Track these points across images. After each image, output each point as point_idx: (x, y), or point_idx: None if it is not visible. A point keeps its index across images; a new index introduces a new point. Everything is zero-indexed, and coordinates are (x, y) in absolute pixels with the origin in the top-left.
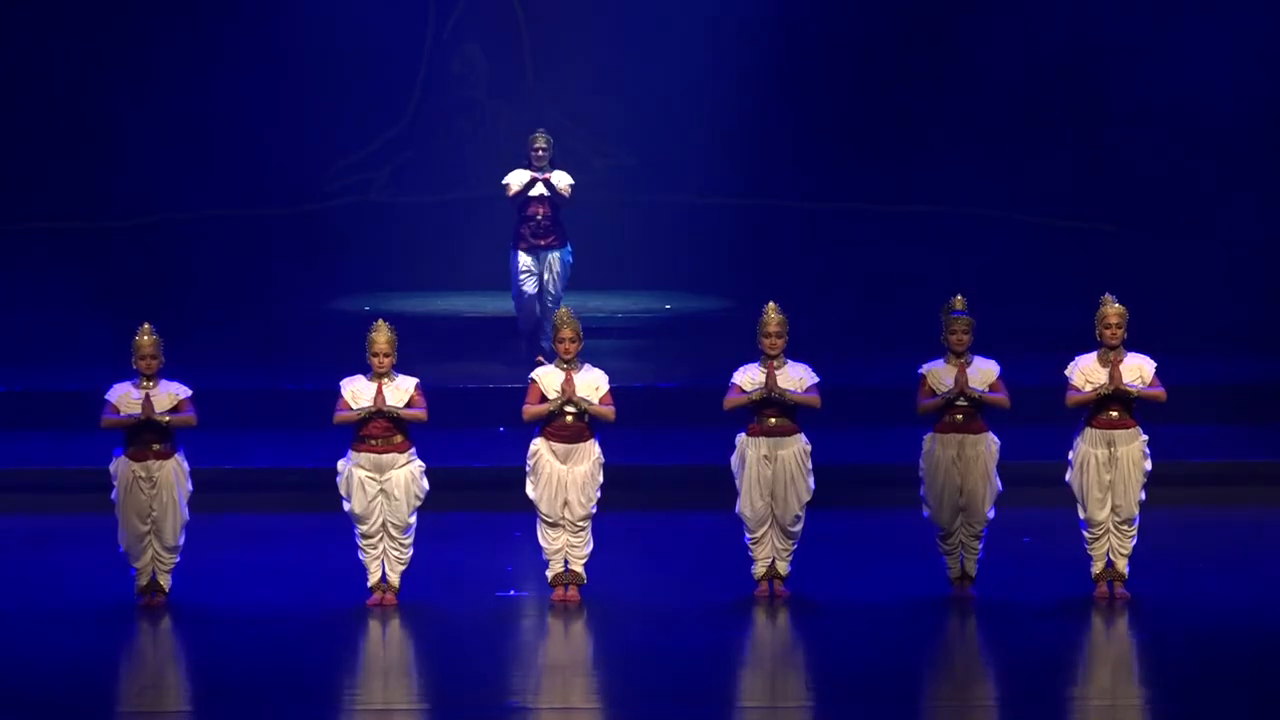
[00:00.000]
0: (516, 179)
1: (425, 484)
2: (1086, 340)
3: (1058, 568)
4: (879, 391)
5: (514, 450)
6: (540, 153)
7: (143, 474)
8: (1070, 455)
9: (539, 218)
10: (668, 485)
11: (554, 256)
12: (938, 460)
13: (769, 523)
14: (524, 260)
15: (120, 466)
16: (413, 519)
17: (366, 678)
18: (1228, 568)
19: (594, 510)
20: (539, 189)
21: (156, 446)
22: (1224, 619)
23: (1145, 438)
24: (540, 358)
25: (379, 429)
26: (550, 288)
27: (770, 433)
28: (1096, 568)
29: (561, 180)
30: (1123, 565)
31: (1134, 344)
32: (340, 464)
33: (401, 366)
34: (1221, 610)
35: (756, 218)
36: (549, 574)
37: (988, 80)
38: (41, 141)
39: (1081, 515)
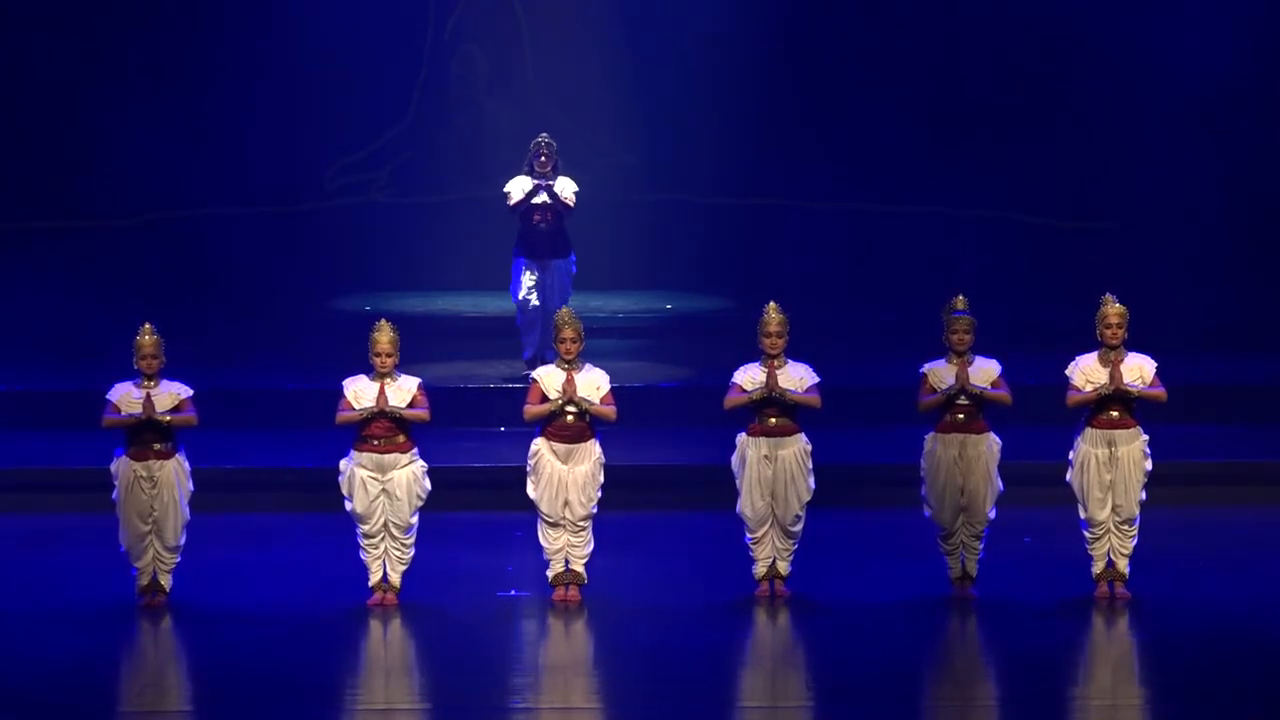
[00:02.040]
0: (518, 188)
1: (427, 484)
2: (1086, 340)
3: (1058, 568)
4: (879, 391)
5: (514, 450)
6: (544, 159)
7: (144, 474)
8: (1070, 455)
9: (542, 226)
10: (668, 485)
11: (557, 265)
12: (939, 460)
13: (769, 522)
14: (527, 269)
15: (121, 466)
16: (414, 519)
17: (367, 678)
18: (1228, 568)
19: (594, 510)
20: (542, 197)
21: (157, 446)
22: (1224, 619)
23: (1146, 437)
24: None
25: (381, 429)
26: (554, 297)
27: (770, 432)
28: (1097, 568)
29: (565, 189)
30: (1123, 565)
31: (1134, 344)
32: (342, 464)
33: (402, 366)
34: (1221, 610)
35: (756, 218)
36: (549, 574)
37: (988, 79)
38: (41, 141)
39: (1082, 515)
